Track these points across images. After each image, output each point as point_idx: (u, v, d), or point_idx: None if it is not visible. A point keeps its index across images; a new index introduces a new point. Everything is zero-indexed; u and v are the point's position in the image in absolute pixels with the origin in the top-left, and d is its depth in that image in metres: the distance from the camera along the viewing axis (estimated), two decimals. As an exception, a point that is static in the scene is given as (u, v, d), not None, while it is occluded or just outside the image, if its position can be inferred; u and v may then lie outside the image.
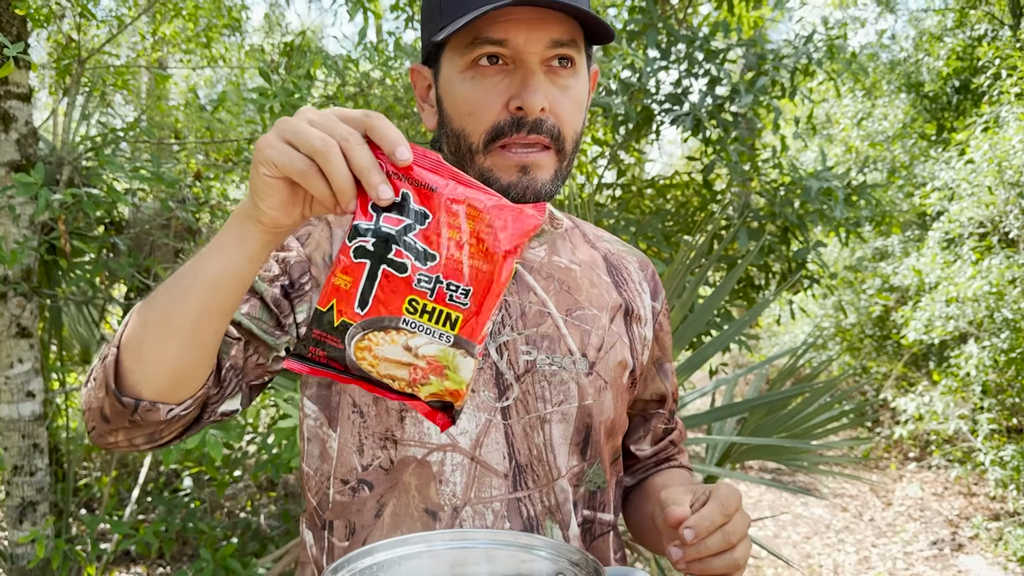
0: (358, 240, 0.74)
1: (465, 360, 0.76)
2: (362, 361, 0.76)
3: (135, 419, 0.88)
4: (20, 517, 3.17)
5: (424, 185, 0.75)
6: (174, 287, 0.85)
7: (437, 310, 0.74)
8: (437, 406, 0.79)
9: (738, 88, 3.98)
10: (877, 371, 7.73)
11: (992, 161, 5.76)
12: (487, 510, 1.00)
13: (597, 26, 0.98)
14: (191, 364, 0.88)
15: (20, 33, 2.98)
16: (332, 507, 1.03)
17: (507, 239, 0.76)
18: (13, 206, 2.94)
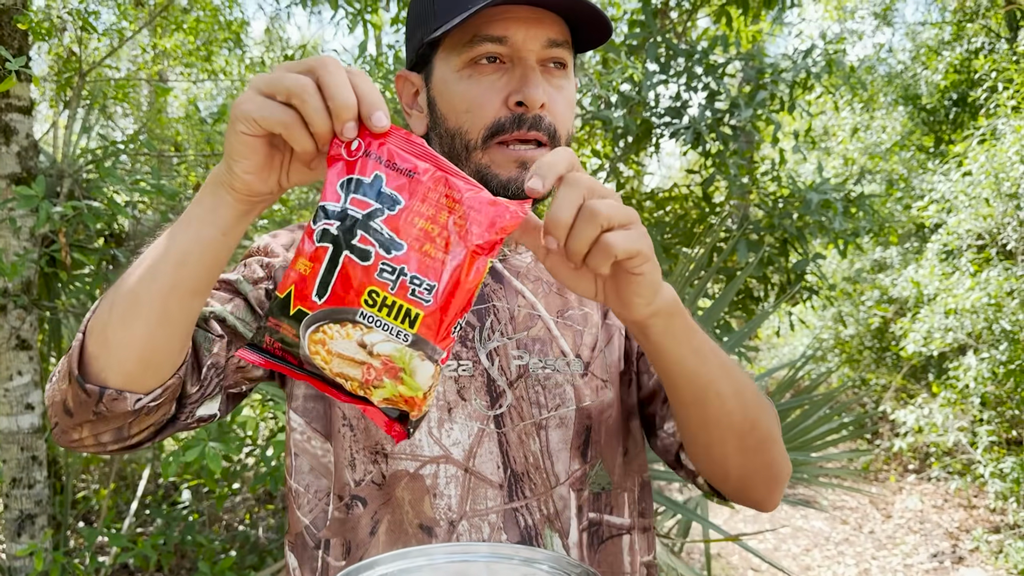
0: (323, 222, 0.68)
1: (423, 364, 0.69)
2: (316, 356, 0.70)
3: (100, 410, 0.82)
4: (18, 530, 3.16)
5: (401, 169, 0.70)
6: (141, 265, 0.80)
7: (397, 304, 0.68)
8: (393, 415, 0.73)
9: (737, 102, 4.00)
10: (876, 383, 7.73)
11: (989, 173, 5.77)
12: (483, 522, 0.98)
13: (595, 20, 0.98)
14: (161, 347, 0.81)
15: (21, 46, 2.99)
16: (329, 525, 1.00)
17: (479, 234, 0.70)
18: (14, 218, 2.95)
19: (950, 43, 8.56)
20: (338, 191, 0.69)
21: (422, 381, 0.70)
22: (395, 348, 0.69)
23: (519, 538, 0.98)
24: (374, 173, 0.69)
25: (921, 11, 16.62)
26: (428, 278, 0.69)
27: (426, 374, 0.70)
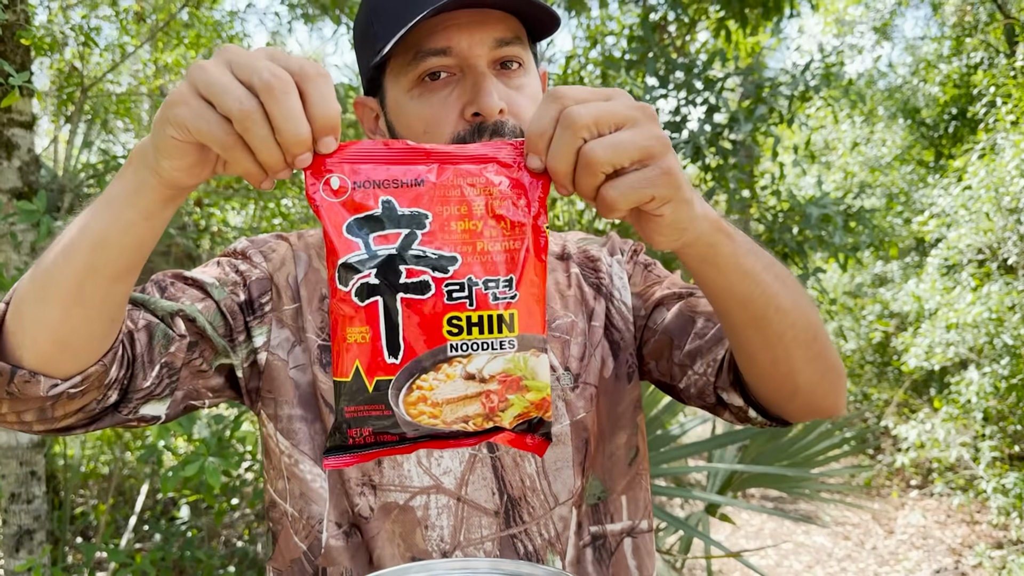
0: (356, 278, 0.60)
1: (539, 359, 0.64)
2: (420, 417, 0.62)
3: (12, 391, 0.75)
4: (17, 545, 3.14)
5: (405, 183, 0.62)
6: (59, 241, 0.74)
7: (485, 316, 0.61)
8: (523, 429, 0.67)
9: (736, 116, 4.01)
10: (878, 398, 7.71)
11: (989, 188, 5.78)
12: (478, 552, 0.95)
13: (537, 13, 0.92)
14: (78, 331, 0.74)
15: (24, 61, 3.00)
16: (325, 553, 0.96)
17: (526, 203, 0.64)
18: (15, 233, 2.95)
19: (949, 58, 8.59)
20: (351, 238, 0.61)
21: (544, 377, 0.65)
22: (507, 361, 0.62)
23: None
24: (380, 200, 0.62)
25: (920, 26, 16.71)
26: (500, 273, 0.62)
27: (545, 368, 0.65)
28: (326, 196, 0.62)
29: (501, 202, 0.64)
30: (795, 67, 4.31)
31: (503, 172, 0.64)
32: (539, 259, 0.64)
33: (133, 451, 4.06)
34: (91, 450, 4.37)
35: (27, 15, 2.91)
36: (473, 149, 0.65)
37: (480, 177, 0.64)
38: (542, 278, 0.64)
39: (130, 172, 0.68)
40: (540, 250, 0.64)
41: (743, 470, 2.92)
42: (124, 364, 0.84)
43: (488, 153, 0.65)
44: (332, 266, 0.61)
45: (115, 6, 3.43)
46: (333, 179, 0.62)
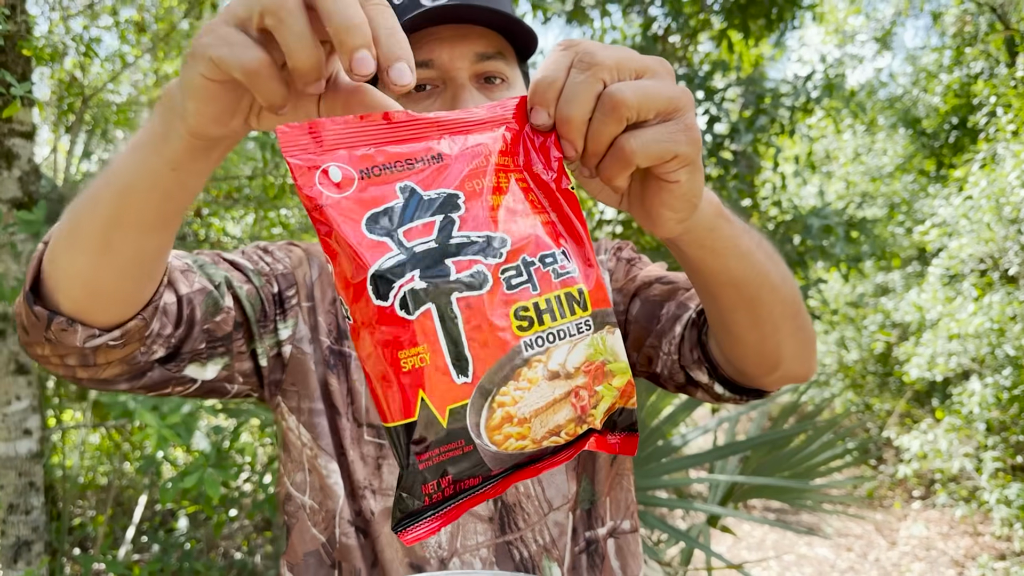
0: (397, 285, 0.48)
1: (615, 336, 0.55)
2: (507, 442, 0.50)
3: (49, 337, 0.74)
4: (15, 557, 3.13)
5: (424, 160, 0.51)
6: (87, 190, 0.70)
7: (554, 298, 0.51)
8: (609, 427, 0.56)
9: (737, 126, 4.01)
10: (880, 408, 7.69)
11: (990, 198, 5.77)
12: (475, 558, 0.94)
13: (515, 29, 0.93)
14: (108, 282, 0.71)
15: (24, 71, 3.00)
16: (339, 548, 0.97)
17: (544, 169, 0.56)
18: (14, 243, 2.94)
19: (950, 68, 8.60)
20: (375, 239, 0.48)
21: (623, 355, 0.55)
22: (587, 346, 0.52)
23: (514, 571, 0.95)
24: (397, 186, 0.50)
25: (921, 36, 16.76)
26: (555, 246, 0.53)
27: (620, 344, 0.55)
28: (328, 192, 0.48)
29: (527, 168, 0.55)
30: (796, 78, 4.31)
31: (518, 136, 0.56)
32: (578, 225, 0.55)
33: (132, 462, 4.05)
34: (89, 461, 4.36)
35: (28, 25, 2.91)
36: (482, 112, 0.55)
37: (499, 142, 0.54)
38: (589, 243, 0.55)
39: (158, 116, 0.62)
40: (576, 214, 0.55)
41: (744, 481, 2.90)
42: (181, 323, 0.83)
43: (499, 114, 0.56)
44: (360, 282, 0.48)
45: (115, 16, 3.43)
46: (332, 169, 0.49)
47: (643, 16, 4.60)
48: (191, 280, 0.86)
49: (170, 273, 0.84)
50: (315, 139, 0.49)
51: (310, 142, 0.49)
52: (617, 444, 0.57)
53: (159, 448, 2.28)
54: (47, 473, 3.53)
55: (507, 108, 0.56)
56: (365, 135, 0.51)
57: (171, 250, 0.77)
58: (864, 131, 9.31)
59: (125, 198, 0.66)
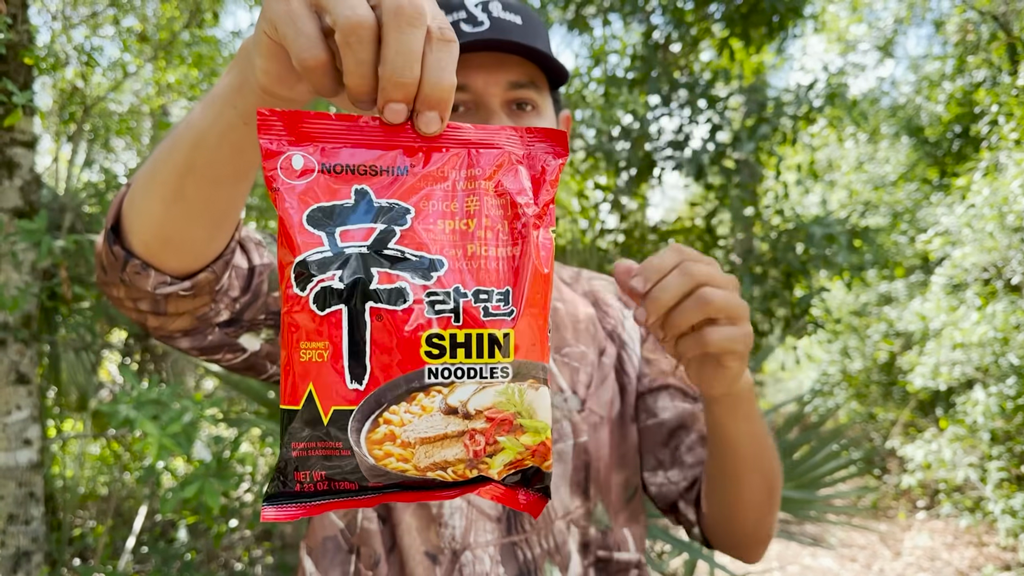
0: (316, 280, 0.48)
1: (538, 392, 0.52)
2: (387, 460, 0.49)
3: (124, 279, 0.77)
4: (14, 567, 3.11)
5: (386, 170, 0.51)
6: (168, 136, 0.71)
7: (474, 336, 0.49)
8: (515, 482, 0.53)
9: (739, 135, 4.00)
10: (884, 418, 7.66)
11: (993, 206, 5.76)
12: (484, 554, 0.98)
13: (551, 67, 1.00)
14: (179, 230, 0.73)
15: (26, 80, 3.00)
16: (359, 533, 1.00)
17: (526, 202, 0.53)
18: (15, 252, 2.94)
19: (952, 76, 8.60)
20: (313, 231, 0.49)
21: (544, 414, 0.52)
22: (498, 393, 0.50)
23: (517, 571, 0.98)
24: (353, 188, 0.50)
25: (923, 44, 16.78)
26: (495, 285, 0.51)
27: (545, 403, 0.52)
28: (285, 178, 0.50)
29: (500, 200, 0.52)
30: (799, 87, 4.31)
31: (504, 163, 0.54)
32: (542, 271, 0.52)
33: (132, 471, 4.03)
34: (90, 471, 4.35)
35: (30, 34, 2.91)
36: (470, 133, 0.53)
37: (477, 167, 0.53)
38: (545, 294, 0.53)
39: (235, 67, 0.62)
40: (545, 260, 0.53)
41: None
42: (248, 290, 0.87)
43: (488, 139, 0.54)
44: (287, 265, 0.49)
45: (117, 26, 3.44)
46: (296, 158, 0.50)
47: (644, 24, 4.60)
48: (262, 254, 0.90)
49: (246, 242, 0.89)
50: (291, 128, 0.51)
51: (285, 130, 0.51)
52: (525, 504, 0.54)
53: (159, 458, 2.26)
54: (47, 483, 3.52)
55: (499, 134, 0.55)
56: (341, 134, 0.51)
57: (243, 206, 0.78)
58: (867, 140, 9.31)
59: (198, 147, 0.67)
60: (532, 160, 0.55)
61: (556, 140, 0.55)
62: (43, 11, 3.27)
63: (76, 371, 3.87)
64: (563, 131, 0.56)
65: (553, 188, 0.54)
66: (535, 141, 0.55)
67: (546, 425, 0.52)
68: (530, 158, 0.55)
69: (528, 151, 0.55)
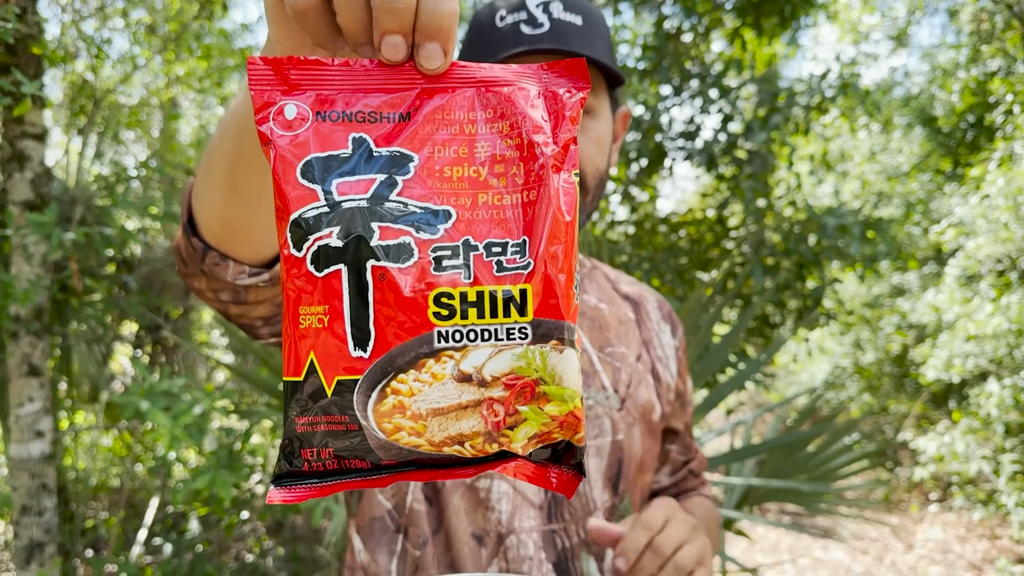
0: (312, 238, 0.45)
1: (564, 356, 0.46)
2: (397, 434, 0.45)
3: (204, 269, 0.77)
4: (28, 558, 3.13)
5: (387, 117, 0.47)
6: (220, 123, 0.70)
7: (487, 293, 0.45)
8: (544, 458, 0.48)
9: (751, 125, 3.97)
10: (897, 410, 7.62)
11: (1008, 197, 5.71)
12: (529, 540, 1.00)
13: (608, 72, 1.01)
14: (239, 220, 0.72)
15: (36, 72, 3.00)
16: (408, 513, 1.02)
17: (544, 141, 0.48)
18: (26, 245, 2.94)
19: (967, 66, 8.52)
20: (307, 186, 0.45)
21: (572, 380, 0.46)
22: (516, 356, 0.45)
23: (556, 559, 1.00)
24: (350, 137, 0.46)
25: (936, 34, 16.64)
26: (510, 236, 0.46)
27: (572, 367, 0.46)
28: (277, 129, 0.46)
29: (515, 140, 0.47)
30: (812, 77, 4.27)
31: (520, 100, 0.48)
32: (564, 218, 0.47)
33: (144, 463, 4.05)
34: (102, 463, 4.37)
35: (39, 26, 2.91)
36: (483, 71, 0.49)
37: (487, 109, 0.48)
38: (569, 244, 0.47)
39: (266, 47, 0.59)
40: (567, 206, 0.47)
41: (760, 484, 2.86)
42: None
43: (498, 76, 0.49)
44: (282, 225, 0.45)
45: (127, 18, 3.43)
46: (288, 107, 0.46)
47: (656, 14, 4.57)
48: None
49: None
50: (282, 76, 0.47)
51: (277, 79, 0.47)
52: (556, 483, 0.49)
53: (171, 449, 2.27)
54: (60, 475, 3.54)
55: (514, 72, 0.50)
56: (337, 79, 0.47)
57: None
58: (880, 130, 9.24)
59: (241, 135, 0.65)
60: (549, 96, 0.49)
61: (575, 72, 0.50)
62: (53, 3, 3.27)
63: (88, 363, 3.88)
64: (581, 60, 0.51)
65: (574, 126, 0.49)
66: (551, 75, 0.50)
67: (574, 392, 0.47)
68: (547, 94, 0.49)
69: (544, 87, 0.50)
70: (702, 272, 4.37)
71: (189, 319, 4.30)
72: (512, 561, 0.98)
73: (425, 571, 1.00)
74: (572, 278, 0.47)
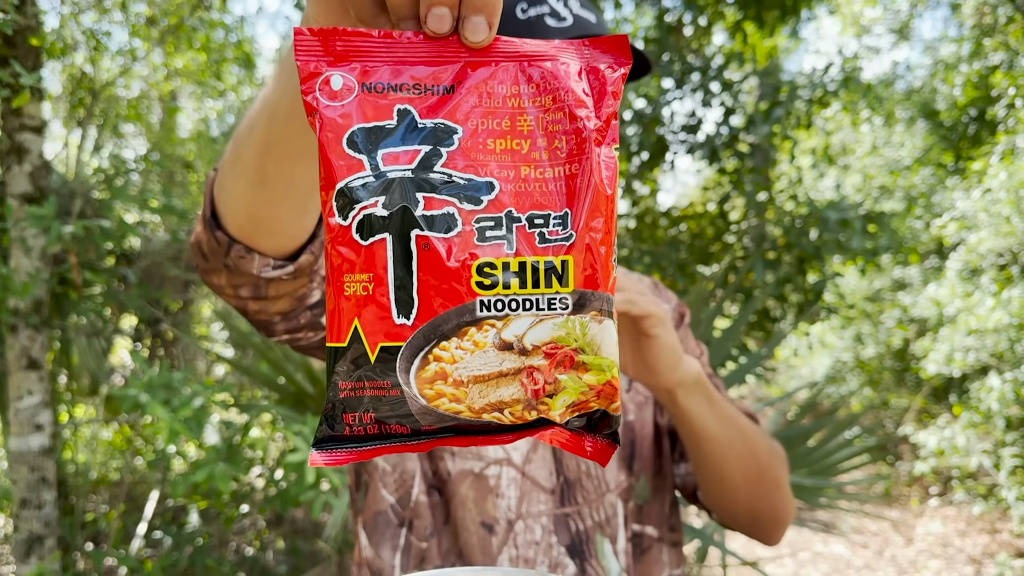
0: (358, 207, 0.46)
1: (603, 326, 0.47)
2: (439, 400, 0.47)
3: (228, 264, 0.77)
4: (27, 551, 3.13)
5: (431, 89, 0.48)
6: (247, 114, 0.70)
7: (529, 263, 0.46)
8: (580, 427, 0.50)
9: (753, 119, 3.96)
10: (897, 404, 7.62)
11: (1010, 191, 5.70)
12: (536, 524, 1.00)
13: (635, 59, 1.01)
14: (265, 211, 0.73)
15: (35, 65, 2.99)
16: (414, 506, 1.02)
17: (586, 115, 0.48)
18: (25, 238, 2.94)
19: (969, 59, 8.49)
20: (353, 155, 0.46)
21: (610, 350, 0.48)
22: (557, 326, 0.46)
23: (569, 542, 1.00)
24: (395, 108, 0.47)
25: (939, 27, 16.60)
26: (552, 208, 0.47)
27: (611, 338, 0.48)
28: (324, 99, 0.47)
29: (557, 114, 0.48)
30: (813, 70, 4.25)
31: (562, 75, 0.49)
32: (605, 191, 0.48)
33: (144, 456, 4.05)
34: (102, 456, 4.37)
35: (38, 19, 2.90)
36: (526, 46, 0.49)
37: (530, 83, 0.49)
38: (609, 217, 0.48)
39: (303, 23, 0.58)
40: (608, 180, 0.48)
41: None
42: None
43: (541, 51, 0.49)
44: (327, 194, 0.47)
45: (126, 11, 3.42)
46: (334, 78, 0.47)
47: (657, 7, 4.55)
48: None
49: None
50: (328, 47, 0.48)
51: (323, 49, 0.48)
52: (592, 451, 0.50)
53: (170, 442, 2.26)
54: (59, 468, 3.54)
55: (558, 48, 0.50)
56: (382, 51, 0.48)
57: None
58: (882, 123, 9.22)
59: (272, 123, 0.65)
60: (592, 71, 0.50)
61: (617, 48, 0.50)
62: (52, -5, 3.26)
63: (87, 356, 3.88)
64: (624, 37, 0.51)
65: (615, 100, 0.49)
66: (594, 50, 0.51)
67: (612, 362, 0.48)
68: (589, 69, 0.50)
69: (586, 62, 0.50)
70: (703, 266, 4.36)
71: (189, 312, 4.30)
72: (520, 547, 0.98)
73: (431, 563, 0.99)
74: (612, 251, 0.48)
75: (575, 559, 0.99)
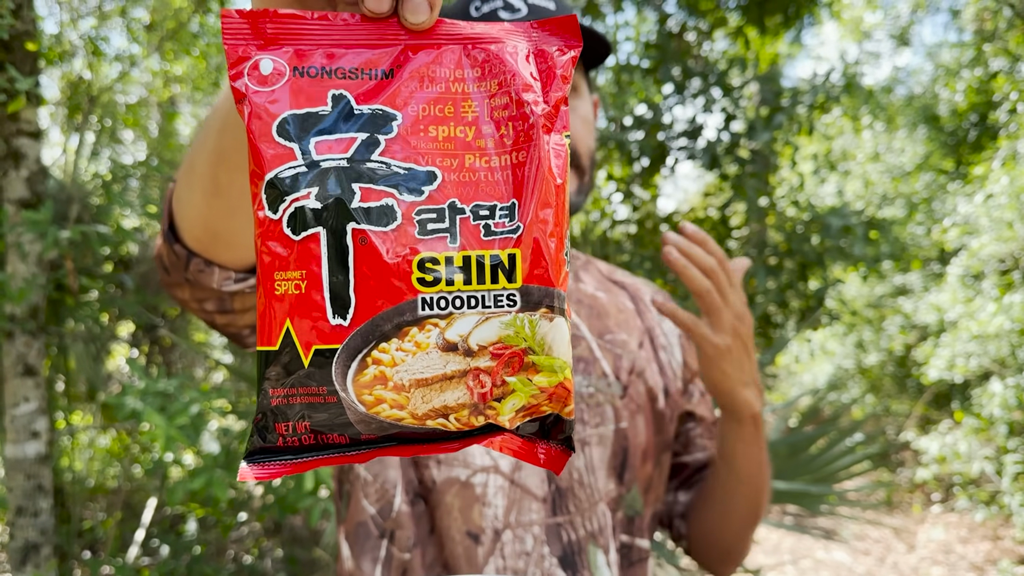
0: (289, 200, 0.42)
1: (554, 324, 0.44)
2: (378, 407, 0.43)
3: (188, 277, 0.76)
4: (23, 559, 3.11)
5: (368, 73, 0.44)
6: (202, 123, 0.67)
7: (474, 258, 0.43)
8: (532, 433, 0.46)
9: (754, 124, 3.95)
10: (899, 411, 7.60)
11: (1012, 196, 5.69)
12: (527, 534, 0.97)
13: (590, 42, 1.01)
14: (222, 224, 0.70)
15: (32, 70, 2.98)
16: (396, 516, 0.99)
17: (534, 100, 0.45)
18: (21, 244, 2.92)
19: (970, 64, 8.49)
20: (283, 144, 0.43)
21: (562, 350, 0.44)
22: (504, 324, 0.43)
23: (562, 552, 0.97)
24: (329, 94, 0.44)
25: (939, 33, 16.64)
26: (498, 199, 0.44)
27: (562, 336, 0.44)
28: (252, 85, 0.44)
29: (504, 99, 0.45)
30: (815, 76, 4.24)
31: (508, 58, 0.46)
32: (555, 180, 0.45)
33: (142, 464, 4.03)
34: (99, 464, 4.35)
35: (35, 23, 2.89)
36: (470, 28, 0.46)
37: (475, 67, 0.46)
38: (560, 208, 0.45)
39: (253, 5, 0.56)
40: (559, 168, 0.45)
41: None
42: None
43: (486, 33, 0.46)
44: (256, 186, 0.43)
45: (125, 16, 3.41)
46: (264, 62, 0.44)
47: (658, 12, 4.54)
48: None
49: None
50: (258, 30, 0.44)
51: (252, 32, 0.45)
52: (544, 460, 0.46)
53: (167, 449, 2.25)
54: (56, 476, 3.51)
55: (502, 29, 0.48)
56: (317, 34, 0.45)
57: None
58: (883, 129, 9.22)
59: (224, 133, 0.62)
60: (540, 54, 0.47)
61: (566, 30, 0.48)
62: (51, 1, 3.25)
63: (84, 363, 3.86)
64: (573, 16, 0.48)
65: (565, 84, 0.46)
66: (542, 32, 0.48)
67: (564, 363, 0.44)
68: (537, 52, 0.47)
69: (535, 44, 0.47)
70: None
71: (186, 318, 4.28)
72: (508, 557, 0.95)
73: (414, 574, 0.97)
74: (563, 244, 0.45)
75: (567, 570, 0.96)
